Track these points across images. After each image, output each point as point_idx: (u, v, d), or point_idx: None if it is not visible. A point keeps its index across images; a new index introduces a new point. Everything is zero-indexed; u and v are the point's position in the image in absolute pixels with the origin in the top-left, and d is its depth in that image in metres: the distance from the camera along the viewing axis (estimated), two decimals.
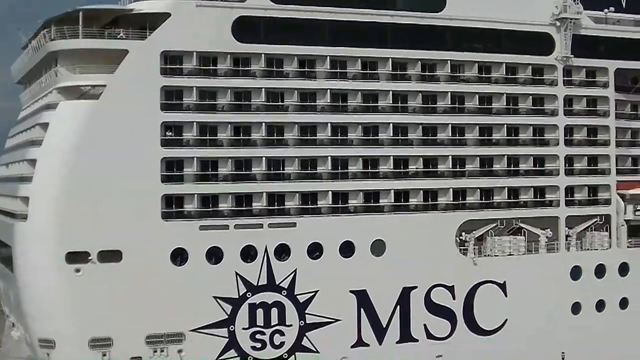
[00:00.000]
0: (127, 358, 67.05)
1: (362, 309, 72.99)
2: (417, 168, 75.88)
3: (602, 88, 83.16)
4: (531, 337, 77.67)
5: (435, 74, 76.96)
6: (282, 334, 71.07)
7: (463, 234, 76.84)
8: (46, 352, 67.04)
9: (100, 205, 65.76)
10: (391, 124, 74.81)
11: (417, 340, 74.74)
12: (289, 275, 70.84)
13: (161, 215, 68.22)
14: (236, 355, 70.02)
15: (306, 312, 71.42)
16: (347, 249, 72.37)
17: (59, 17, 68.36)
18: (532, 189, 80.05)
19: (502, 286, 77.41)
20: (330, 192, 72.82)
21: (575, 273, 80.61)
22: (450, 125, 76.79)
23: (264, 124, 71.32)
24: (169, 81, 69.03)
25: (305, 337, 71.48)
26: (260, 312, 70.49)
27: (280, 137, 72.32)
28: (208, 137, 70.57)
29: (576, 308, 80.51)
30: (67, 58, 68.79)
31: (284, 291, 70.82)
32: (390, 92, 74.87)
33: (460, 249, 76.52)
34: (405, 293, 74.14)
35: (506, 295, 77.55)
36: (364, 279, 72.52)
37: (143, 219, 67.08)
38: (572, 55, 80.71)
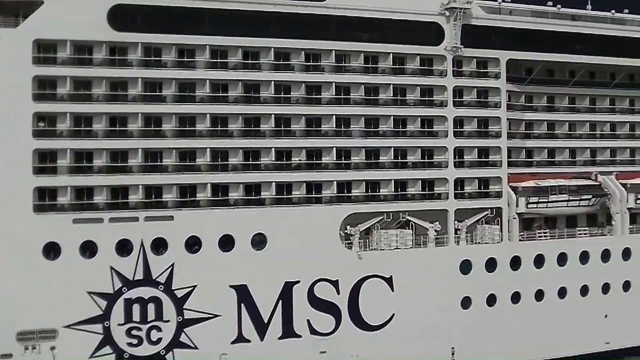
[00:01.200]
0: None
1: (242, 304, 75.49)
2: (300, 160, 78.50)
3: (494, 79, 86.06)
4: (420, 332, 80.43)
5: (319, 64, 79.64)
6: (159, 329, 73.44)
7: (348, 227, 79.45)
8: None
9: None
10: (273, 115, 77.29)
11: (300, 336, 77.36)
12: (166, 270, 73.23)
13: (33, 208, 70.29)
14: (111, 351, 72.24)
15: (184, 307, 73.86)
16: (226, 243, 74.90)
17: None
18: (420, 181, 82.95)
19: (389, 280, 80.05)
20: (209, 185, 75.24)
21: (465, 267, 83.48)
22: (334, 116, 79.41)
23: (140, 114, 73.57)
24: (42, 70, 71.33)
25: (183, 333, 73.90)
26: (136, 308, 72.80)
27: (157, 129, 74.64)
28: (83, 128, 72.88)
29: (466, 302, 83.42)
30: None
31: (161, 286, 73.21)
32: (273, 82, 77.38)
33: (345, 243, 79.17)
34: (288, 288, 76.73)
35: (393, 290, 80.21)
36: (244, 273, 75.04)
37: (14, 212, 69.19)
38: (462, 46, 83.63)
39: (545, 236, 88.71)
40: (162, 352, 73.55)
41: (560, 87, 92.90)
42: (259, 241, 75.83)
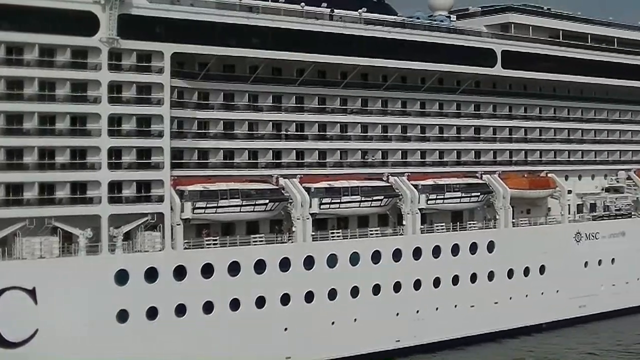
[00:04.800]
0: None
1: None
2: None
3: (156, 74, 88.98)
4: (70, 348, 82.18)
5: None
6: None
7: None
8: None
9: None
10: None
11: None
12: None
13: None
14: None
15: None
16: None
17: None
18: (70, 184, 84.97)
19: (31, 292, 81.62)
20: None
21: (121, 278, 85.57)
22: None
23: None
24: None
25: None
26: None
27: None
28: None
29: (123, 316, 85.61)
30: None
31: None
32: None
33: None
34: None
35: (36, 303, 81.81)
36: None
37: None
38: (119, 37, 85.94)
39: (214, 244, 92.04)
40: None
41: (240, 84, 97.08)
42: None
